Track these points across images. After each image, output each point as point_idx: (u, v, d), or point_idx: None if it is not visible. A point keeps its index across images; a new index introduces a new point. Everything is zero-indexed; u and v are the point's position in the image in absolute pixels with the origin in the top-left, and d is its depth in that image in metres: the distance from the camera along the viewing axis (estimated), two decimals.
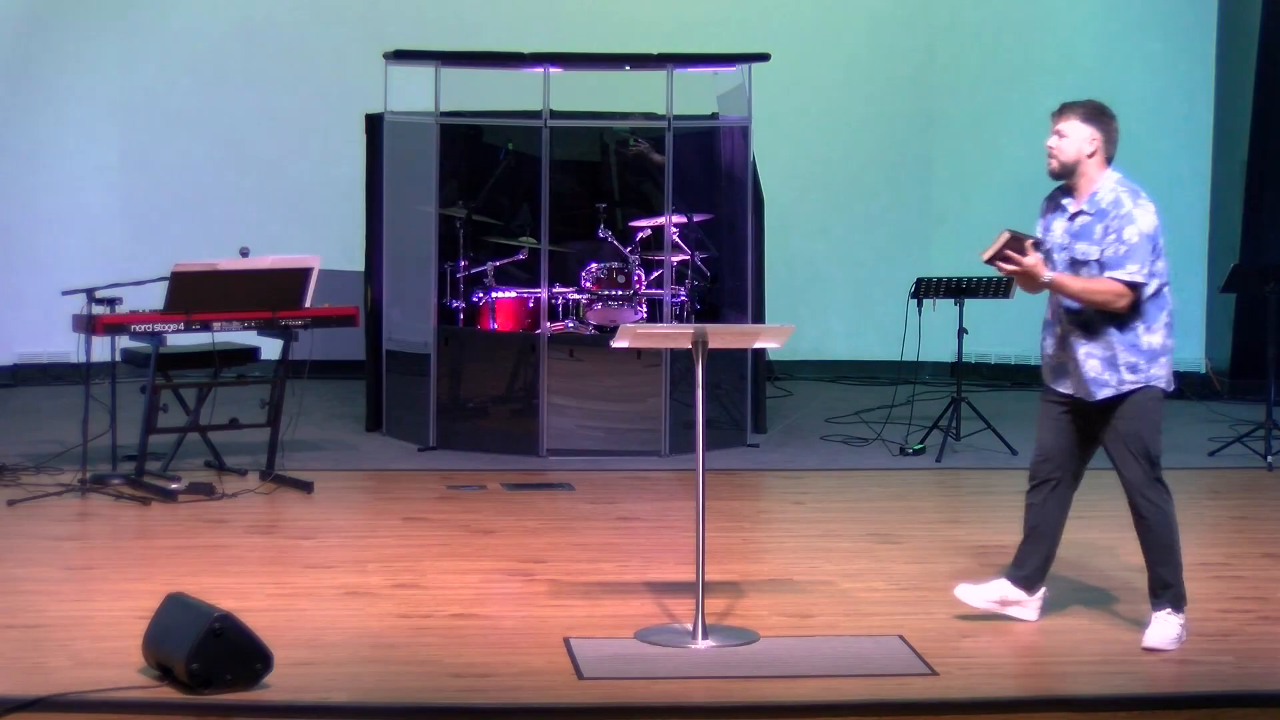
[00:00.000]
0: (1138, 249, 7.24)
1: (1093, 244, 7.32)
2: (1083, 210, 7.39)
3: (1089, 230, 7.34)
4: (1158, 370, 7.34)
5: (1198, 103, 13.96)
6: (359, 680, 6.87)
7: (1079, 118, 7.49)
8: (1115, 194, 7.35)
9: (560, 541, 9.06)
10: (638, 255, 11.66)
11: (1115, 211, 7.31)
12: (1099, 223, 7.32)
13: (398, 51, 11.70)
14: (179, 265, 9.90)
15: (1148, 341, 7.32)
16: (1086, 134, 7.45)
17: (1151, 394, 7.34)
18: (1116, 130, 7.55)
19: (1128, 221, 7.27)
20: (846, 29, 14.42)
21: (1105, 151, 7.48)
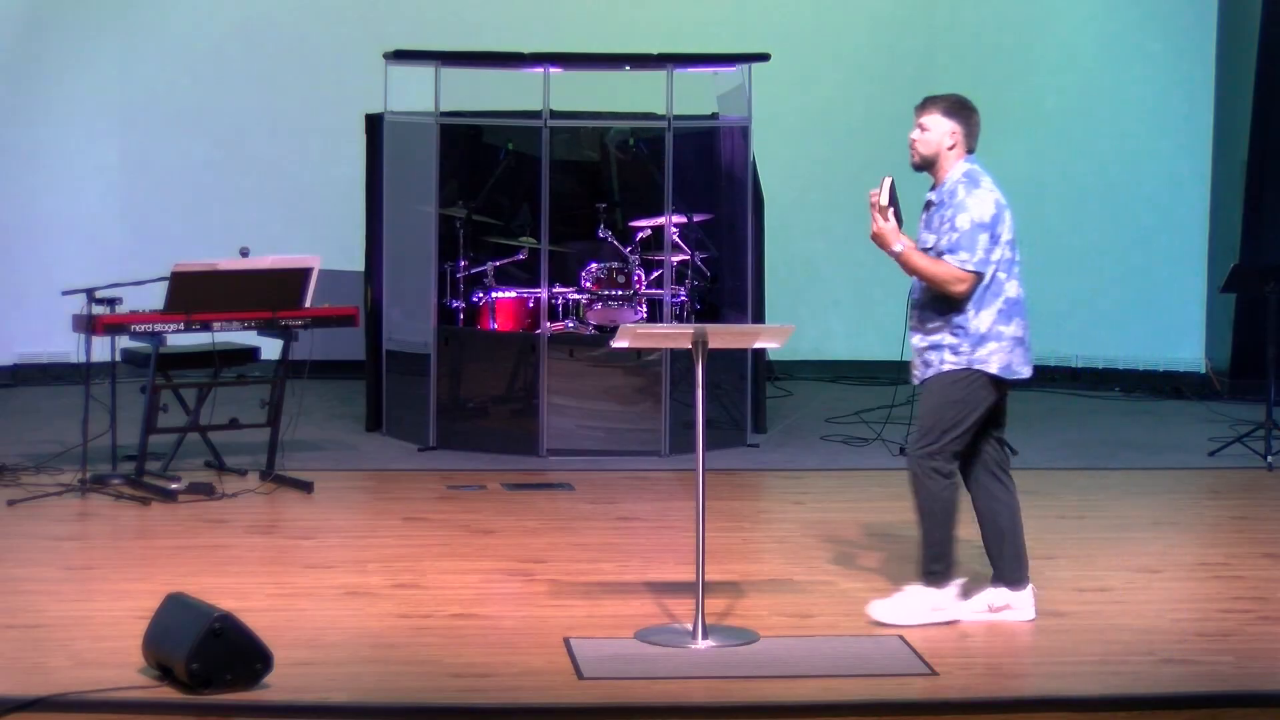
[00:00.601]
0: (968, 236, 7.43)
1: (932, 232, 7.55)
2: (932, 200, 7.61)
3: (932, 219, 7.58)
4: (982, 353, 7.48)
5: (1198, 103, 13.96)
6: (359, 680, 6.87)
7: (941, 112, 7.70)
8: (956, 185, 7.53)
9: (560, 541, 9.06)
10: (638, 255, 11.66)
11: (951, 200, 7.51)
12: (938, 212, 7.55)
13: (398, 51, 11.70)
14: (179, 265, 9.90)
15: (974, 326, 7.48)
16: (948, 128, 7.63)
17: (970, 376, 7.49)
18: (978, 124, 7.73)
19: (960, 210, 7.46)
20: (846, 29, 14.42)
21: (965, 144, 7.65)
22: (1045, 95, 14.32)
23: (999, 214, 7.51)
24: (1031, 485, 10.46)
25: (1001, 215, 7.51)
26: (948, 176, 7.57)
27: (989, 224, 7.46)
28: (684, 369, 11.20)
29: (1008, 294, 7.53)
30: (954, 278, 7.42)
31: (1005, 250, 7.51)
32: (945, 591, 7.57)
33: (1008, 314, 7.52)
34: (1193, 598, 8.30)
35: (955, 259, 7.42)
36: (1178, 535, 9.47)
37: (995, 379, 7.52)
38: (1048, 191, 14.30)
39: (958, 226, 7.43)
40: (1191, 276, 14.05)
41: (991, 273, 7.47)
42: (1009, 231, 7.54)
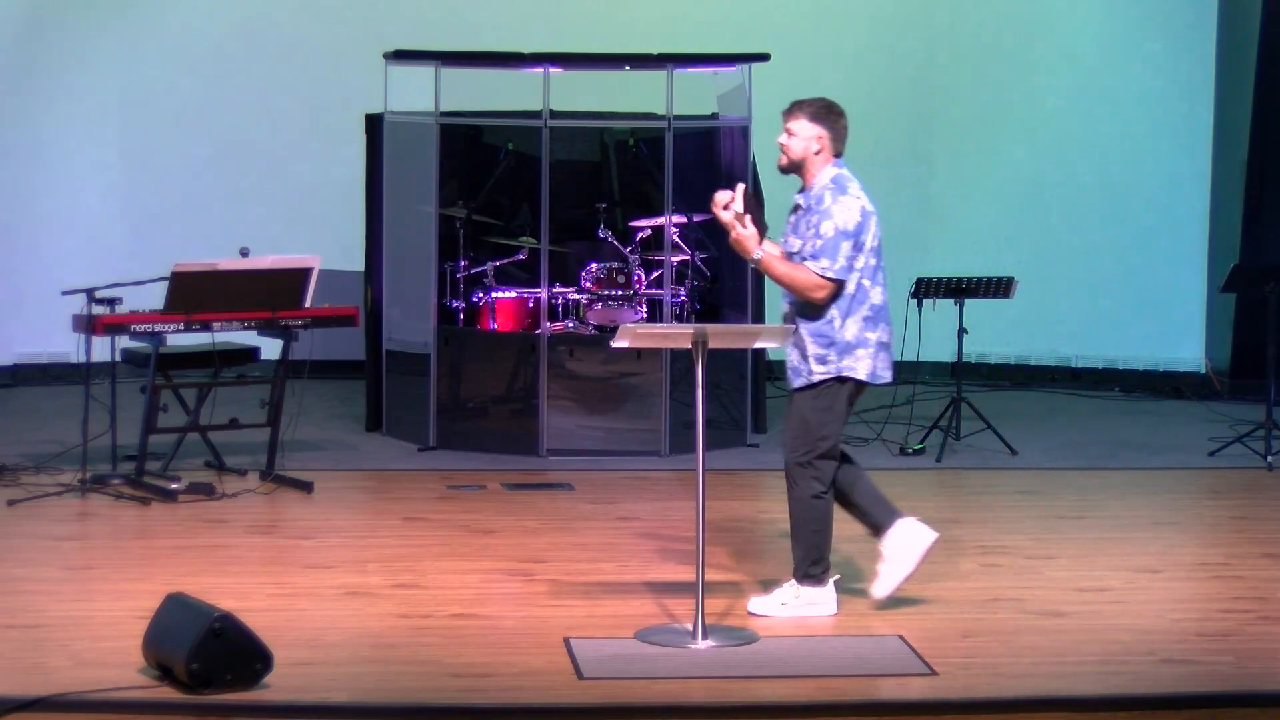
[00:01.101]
0: (831, 244, 7.51)
1: (798, 236, 7.61)
2: (800, 204, 7.66)
3: (799, 223, 7.64)
4: (850, 362, 7.59)
5: (1198, 103, 13.96)
6: (359, 680, 6.87)
7: (807, 117, 7.76)
8: (823, 190, 7.60)
9: (560, 541, 9.06)
10: (638, 255, 11.66)
11: (817, 207, 7.57)
12: (805, 217, 7.61)
13: (398, 51, 11.71)
14: (179, 265, 9.90)
15: (841, 335, 7.57)
16: (814, 132, 7.70)
17: (838, 384, 7.59)
18: (845, 128, 7.80)
19: (825, 217, 7.54)
20: (846, 29, 14.42)
21: (832, 149, 7.72)
22: (1045, 95, 14.33)
23: (864, 222, 7.60)
24: (1031, 485, 10.51)
25: (866, 223, 7.61)
26: (815, 181, 7.65)
27: (853, 232, 7.55)
28: (684, 369, 11.21)
29: (873, 300, 7.64)
30: (814, 284, 7.51)
31: (870, 257, 7.63)
32: (825, 589, 7.69)
33: (873, 321, 7.63)
34: (1193, 598, 8.30)
35: (817, 265, 7.50)
36: (1178, 535, 9.47)
37: (861, 384, 7.65)
38: (1048, 191, 14.31)
39: (822, 233, 7.51)
40: (1191, 276, 14.05)
41: (857, 280, 7.58)
42: (874, 239, 7.65)
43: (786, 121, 7.73)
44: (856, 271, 7.57)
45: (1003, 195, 14.45)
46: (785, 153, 7.69)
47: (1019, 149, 14.39)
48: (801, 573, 7.70)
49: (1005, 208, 14.45)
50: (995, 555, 8.82)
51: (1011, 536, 9.24)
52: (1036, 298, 13.56)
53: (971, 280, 11.58)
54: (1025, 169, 14.39)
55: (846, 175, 7.68)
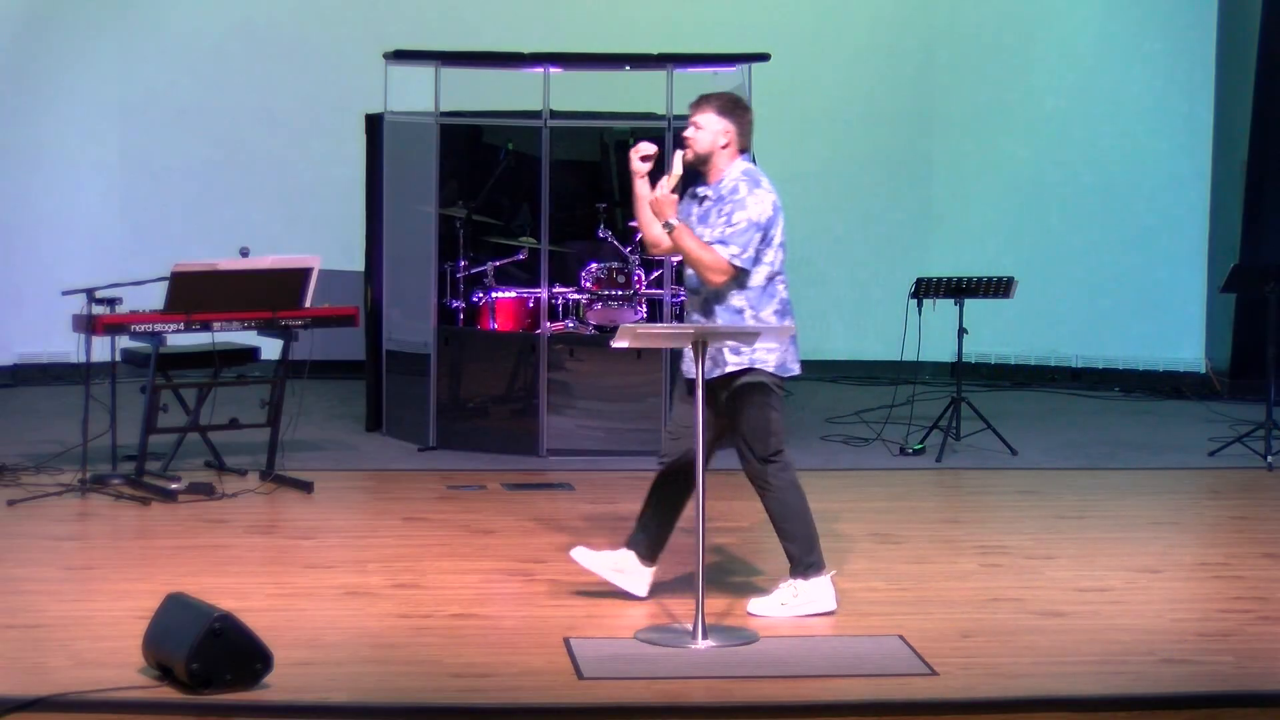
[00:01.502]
0: (742, 233, 7.54)
1: (708, 227, 7.61)
2: (707, 196, 7.68)
3: (708, 215, 7.64)
4: (763, 355, 7.62)
5: (1198, 103, 13.96)
6: (359, 680, 6.87)
7: (715, 110, 7.76)
8: (736, 182, 7.62)
9: (560, 541, 9.05)
10: (638, 255, 11.66)
11: (731, 197, 7.59)
12: (716, 207, 7.62)
13: (398, 51, 11.70)
14: (179, 265, 9.90)
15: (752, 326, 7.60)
16: (721, 126, 7.71)
17: (755, 377, 7.61)
18: (750, 123, 7.80)
19: (739, 207, 7.56)
20: (846, 29, 14.42)
21: (739, 143, 7.74)
22: (1045, 95, 14.33)
23: (775, 216, 7.64)
24: (1031, 485, 10.51)
25: (777, 218, 7.65)
26: (725, 174, 7.68)
27: (764, 224, 7.59)
28: None
29: (782, 295, 7.70)
30: (719, 267, 7.53)
31: (779, 252, 7.67)
32: (822, 580, 7.70)
33: (782, 314, 7.69)
34: (1193, 598, 8.30)
35: (726, 251, 7.54)
36: (1178, 535, 9.47)
37: (774, 376, 7.68)
38: (1048, 191, 14.32)
39: (734, 222, 7.55)
40: (1191, 276, 14.05)
41: (767, 274, 7.62)
42: (781, 234, 7.67)
43: (694, 115, 7.75)
44: (766, 265, 7.62)
45: (1003, 195, 14.45)
46: (692, 146, 7.70)
47: (1019, 149, 14.39)
48: (803, 566, 7.71)
49: (1005, 208, 14.45)
50: (995, 555, 8.82)
51: (1011, 536, 9.24)
52: (1036, 298, 13.56)
53: (971, 280, 11.58)
54: (1025, 169, 14.39)
55: (757, 170, 7.74)
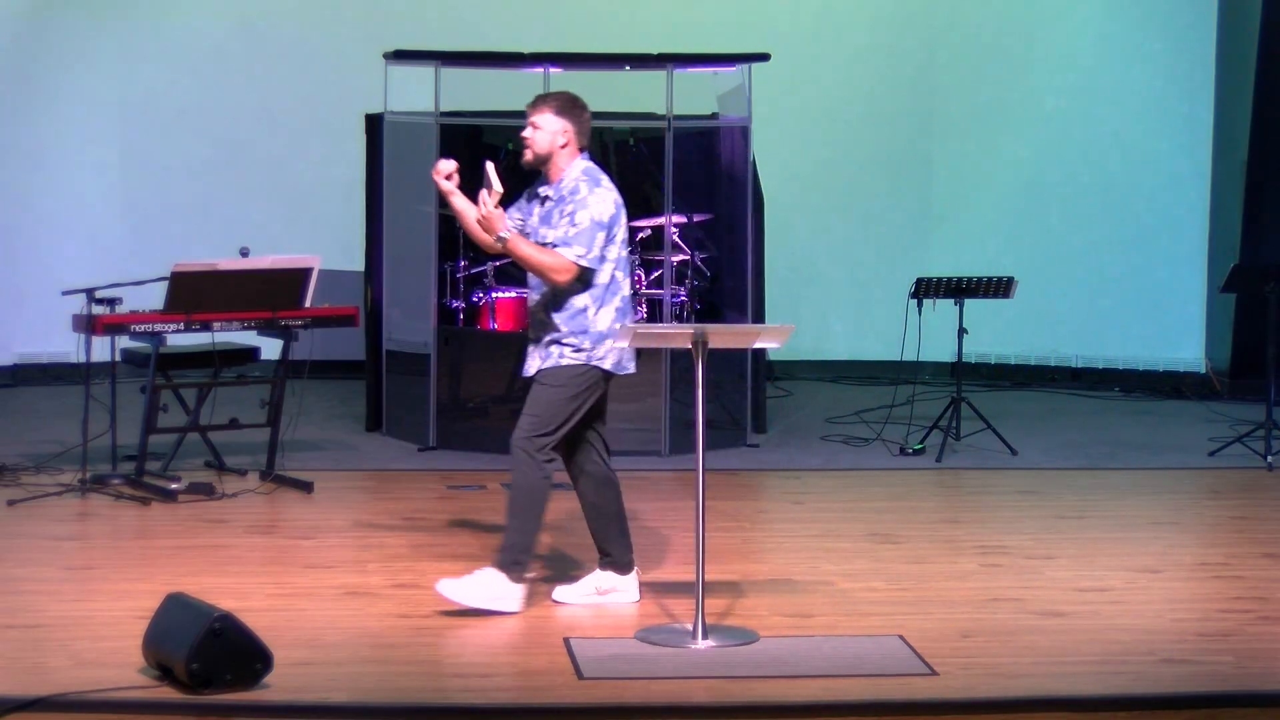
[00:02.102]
0: (585, 233, 7.55)
1: (551, 227, 7.62)
2: (549, 196, 7.69)
3: (550, 215, 7.66)
4: (602, 352, 7.64)
5: (1198, 103, 13.96)
6: (359, 680, 6.87)
7: (553, 110, 7.77)
8: (576, 182, 7.64)
9: (560, 541, 9.05)
10: (638, 255, 11.66)
11: (572, 197, 7.61)
12: (558, 207, 7.63)
13: (398, 51, 11.71)
14: (179, 265, 9.90)
15: (595, 325, 7.63)
16: (559, 126, 7.72)
17: (588, 373, 7.63)
18: (588, 121, 7.82)
19: (581, 206, 7.58)
20: (846, 29, 14.43)
21: (577, 142, 7.74)
22: (1045, 95, 14.33)
23: (616, 214, 7.66)
24: (1031, 485, 10.51)
25: (619, 215, 7.67)
26: (565, 174, 7.68)
27: (607, 223, 7.60)
28: (684, 369, 11.21)
29: (623, 291, 7.72)
30: (561, 266, 7.54)
31: (621, 249, 7.68)
32: (517, 586, 7.65)
33: (623, 311, 7.71)
34: (1193, 598, 8.30)
35: (571, 252, 7.54)
36: (1178, 535, 9.47)
37: (608, 374, 7.70)
38: (1048, 191, 14.32)
39: (577, 222, 7.56)
40: (1191, 276, 14.06)
41: (610, 271, 7.64)
42: (623, 231, 7.70)
43: (531, 115, 7.75)
44: (610, 262, 7.63)
45: (1003, 195, 14.46)
46: (530, 146, 7.72)
47: (1019, 149, 14.39)
48: (507, 559, 7.63)
49: (1005, 208, 14.46)
50: (995, 555, 8.82)
51: (1011, 536, 9.24)
52: (1036, 298, 13.56)
53: (971, 280, 11.58)
54: (1025, 169, 14.40)
55: (595, 169, 7.74)
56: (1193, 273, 14.04)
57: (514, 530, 7.66)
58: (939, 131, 14.53)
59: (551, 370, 7.64)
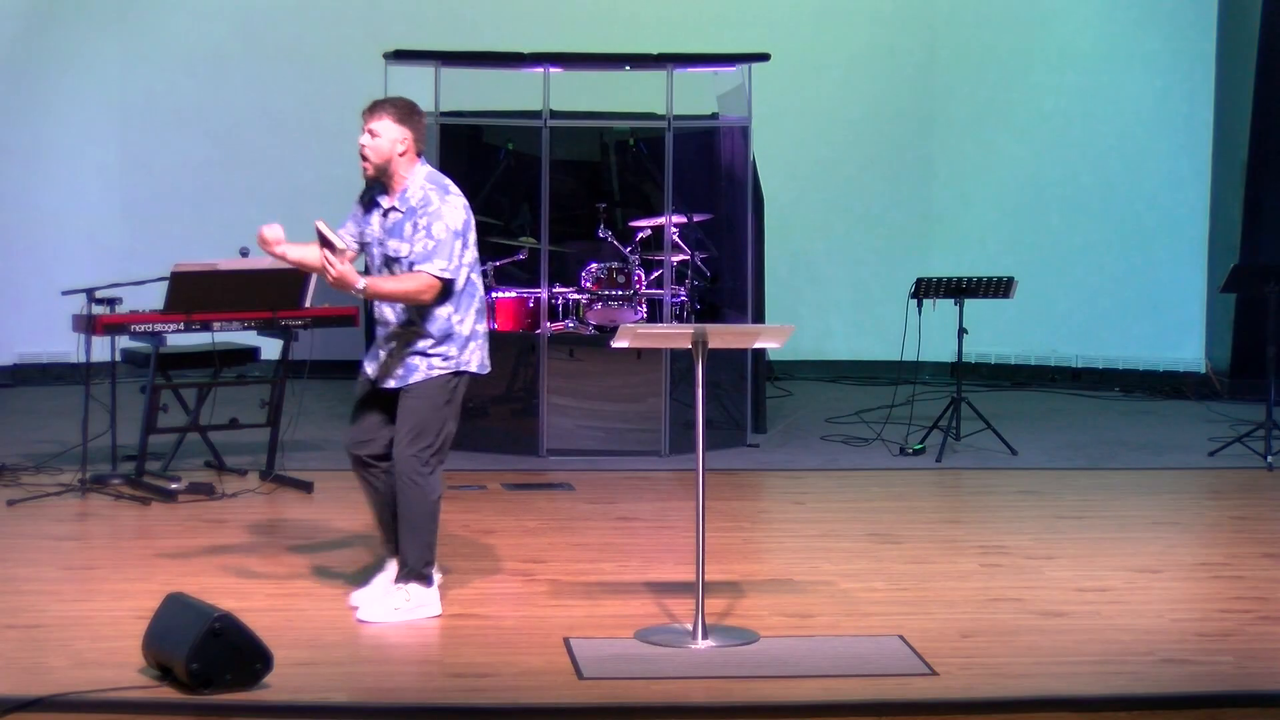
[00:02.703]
0: (445, 245, 7.47)
1: (404, 241, 7.51)
2: (394, 207, 7.58)
3: (400, 228, 7.54)
4: (467, 356, 7.61)
5: (1198, 103, 13.97)
6: (359, 680, 6.87)
7: (391, 118, 7.60)
8: (424, 191, 7.53)
9: (560, 541, 9.06)
10: (638, 255, 11.67)
11: (424, 209, 7.50)
12: (409, 220, 7.51)
13: (398, 51, 11.71)
14: (179, 265, 9.90)
15: (460, 330, 7.58)
16: (399, 134, 7.57)
17: (459, 380, 7.60)
18: (425, 127, 7.71)
19: (436, 218, 7.47)
20: (846, 29, 14.43)
21: (416, 149, 7.62)
22: (1045, 95, 14.34)
23: (468, 219, 7.60)
24: (1031, 485, 10.51)
25: (470, 220, 7.62)
26: (408, 183, 7.56)
27: (462, 231, 7.54)
28: (684, 369, 11.21)
29: (480, 293, 7.70)
30: (426, 287, 7.46)
31: (474, 251, 7.65)
32: (433, 589, 7.63)
33: (481, 312, 7.70)
34: (1193, 598, 8.30)
35: (432, 266, 7.45)
36: (1178, 535, 9.47)
37: (472, 377, 7.68)
38: (1048, 191, 14.33)
39: (435, 235, 7.46)
40: (1191, 276, 14.06)
41: (467, 275, 7.59)
42: (474, 234, 7.66)
43: (369, 122, 7.57)
44: (466, 266, 7.59)
45: (1003, 195, 14.46)
46: (369, 156, 7.56)
47: (1019, 149, 14.40)
48: (416, 573, 7.58)
49: (1005, 208, 14.46)
50: (995, 555, 8.82)
51: (1011, 536, 9.24)
52: (1036, 298, 13.57)
53: (971, 280, 11.58)
54: (1025, 169, 14.40)
55: (437, 174, 7.64)
56: (1193, 273, 14.05)
57: (415, 545, 7.59)
58: (939, 131, 14.53)
59: (422, 384, 7.56)
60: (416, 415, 7.57)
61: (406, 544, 7.61)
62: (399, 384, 7.60)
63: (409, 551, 7.61)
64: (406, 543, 7.61)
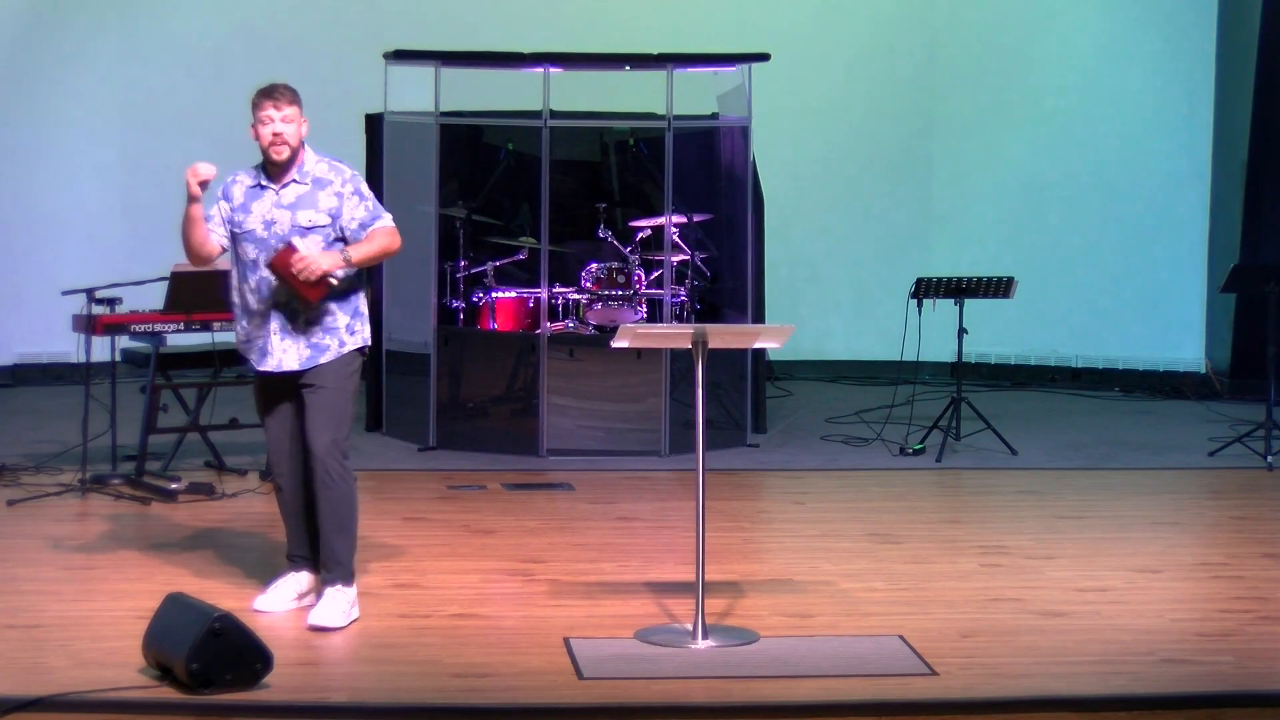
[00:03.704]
0: (374, 199, 7.61)
1: (319, 211, 7.47)
2: (295, 180, 7.52)
3: (311, 199, 7.49)
4: (366, 330, 7.58)
5: (1198, 103, 13.97)
6: (359, 680, 6.87)
7: (297, 105, 7.56)
8: (326, 162, 7.61)
9: (560, 541, 9.06)
10: (638, 255, 11.67)
11: (339, 177, 7.55)
12: (320, 190, 7.50)
13: (398, 51, 11.71)
14: (179, 265, 9.90)
15: (361, 303, 7.58)
16: (301, 117, 7.57)
17: (355, 359, 7.53)
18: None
19: (352, 180, 7.56)
20: (846, 29, 14.43)
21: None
22: (1045, 95, 14.34)
23: None
24: (1031, 485, 10.51)
25: None
26: (303, 160, 7.54)
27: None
28: (684, 369, 11.21)
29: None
30: (397, 237, 7.59)
31: None
32: (355, 588, 7.57)
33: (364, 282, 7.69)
34: (1193, 598, 8.30)
35: (387, 220, 7.56)
36: (1178, 535, 9.47)
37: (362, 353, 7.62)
38: (1048, 191, 14.32)
39: (365, 194, 7.56)
40: (1191, 276, 14.06)
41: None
42: None
43: (284, 109, 7.48)
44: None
45: (1003, 195, 14.46)
46: (287, 142, 7.49)
47: (1019, 149, 14.40)
48: (348, 571, 7.51)
49: (1005, 208, 14.46)
50: (995, 555, 8.82)
51: (1011, 536, 9.24)
52: (1036, 298, 13.57)
53: (971, 280, 11.58)
54: (1025, 169, 14.40)
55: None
56: (1193, 273, 14.05)
57: (345, 542, 7.50)
58: (939, 131, 14.53)
59: (328, 369, 7.42)
60: (328, 407, 7.45)
61: (338, 543, 7.48)
62: (309, 364, 7.44)
63: (341, 550, 7.48)
64: (338, 542, 7.48)
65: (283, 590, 7.70)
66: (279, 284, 7.41)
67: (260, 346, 7.51)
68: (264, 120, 7.48)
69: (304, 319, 7.45)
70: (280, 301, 7.45)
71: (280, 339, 7.46)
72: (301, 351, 7.46)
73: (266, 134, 7.48)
